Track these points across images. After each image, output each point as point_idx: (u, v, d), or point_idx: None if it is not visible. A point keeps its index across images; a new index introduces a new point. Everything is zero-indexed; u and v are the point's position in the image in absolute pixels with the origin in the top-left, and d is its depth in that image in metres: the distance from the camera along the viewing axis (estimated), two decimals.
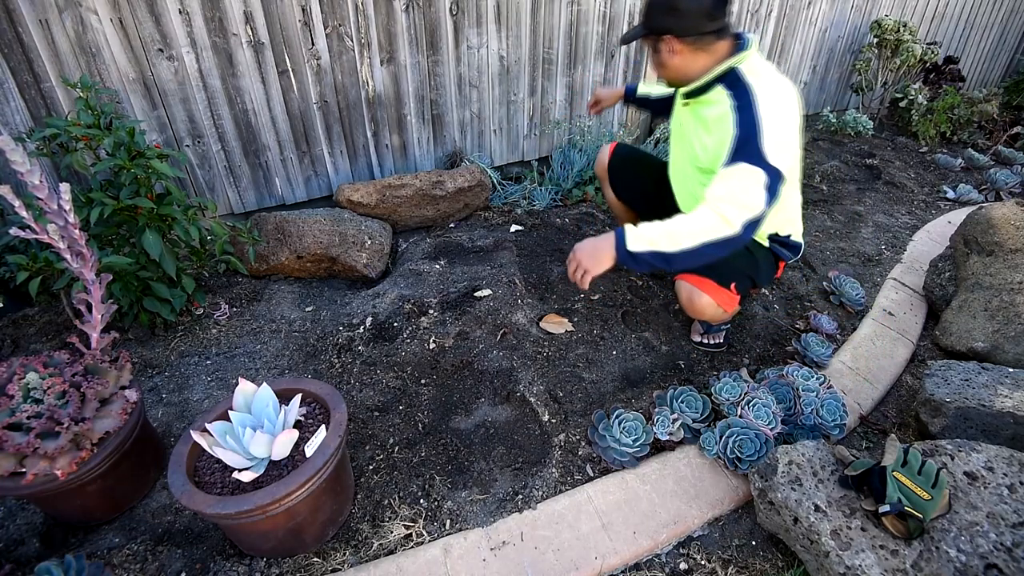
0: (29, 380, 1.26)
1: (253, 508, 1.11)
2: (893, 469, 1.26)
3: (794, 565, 1.35)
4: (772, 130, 1.36)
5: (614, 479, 1.52)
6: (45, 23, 1.86)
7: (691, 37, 1.41)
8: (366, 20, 2.39)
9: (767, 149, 1.34)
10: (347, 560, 1.32)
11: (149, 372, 1.83)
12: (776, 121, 1.37)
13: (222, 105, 2.26)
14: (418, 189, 2.63)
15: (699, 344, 2.01)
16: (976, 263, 2.13)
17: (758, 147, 1.34)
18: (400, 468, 1.54)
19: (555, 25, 2.86)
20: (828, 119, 4.24)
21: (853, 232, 2.87)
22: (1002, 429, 1.52)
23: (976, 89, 4.87)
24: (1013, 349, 1.86)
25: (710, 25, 1.38)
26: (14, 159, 1.21)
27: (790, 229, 1.73)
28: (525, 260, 2.42)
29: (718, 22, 1.39)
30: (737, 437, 1.53)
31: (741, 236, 1.36)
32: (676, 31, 1.41)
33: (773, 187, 1.35)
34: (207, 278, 2.27)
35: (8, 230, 1.43)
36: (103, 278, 1.42)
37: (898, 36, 4.05)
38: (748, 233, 1.36)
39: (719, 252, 1.38)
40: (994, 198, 3.41)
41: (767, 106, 1.38)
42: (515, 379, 1.80)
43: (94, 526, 1.38)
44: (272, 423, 1.24)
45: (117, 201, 1.70)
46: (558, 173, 3.14)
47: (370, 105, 2.58)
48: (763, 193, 1.34)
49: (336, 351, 1.93)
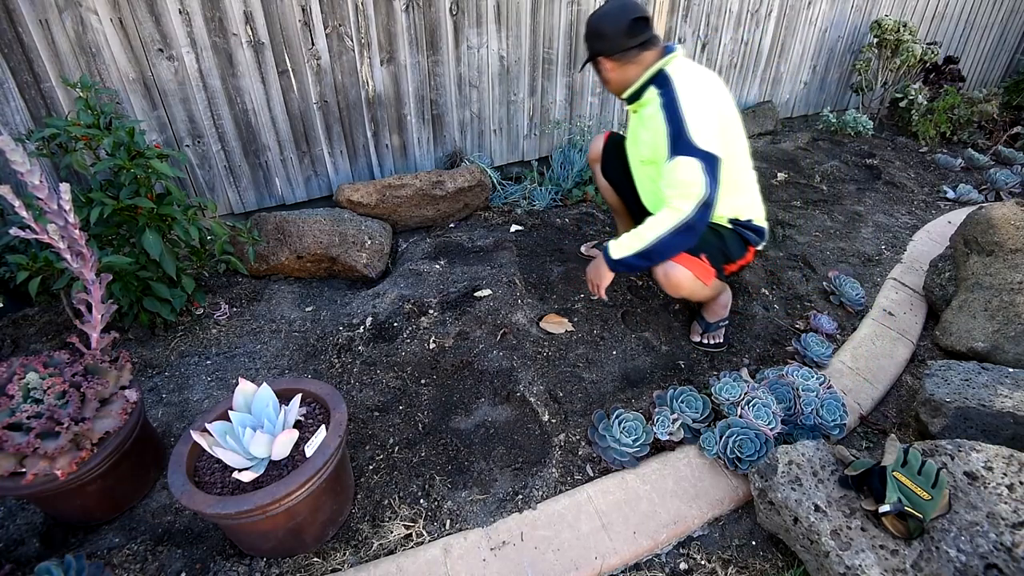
0: (29, 380, 1.26)
1: (253, 508, 1.11)
2: (893, 469, 1.26)
3: (794, 565, 1.35)
4: (696, 120, 1.55)
5: (614, 479, 1.52)
6: (45, 23, 1.86)
7: (618, 54, 1.64)
8: (366, 20, 2.39)
9: (695, 138, 1.53)
10: (347, 560, 1.32)
11: (149, 372, 1.83)
12: (698, 111, 1.56)
13: (222, 105, 2.26)
14: (418, 189, 2.63)
15: (699, 344, 2.01)
16: (976, 263, 2.13)
17: (688, 139, 1.53)
18: (400, 468, 1.54)
19: (555, 25, 2.86)
20: (828, 119, 4.24)
21: (853, 232, 2.87)
22: (1002, 429, 1.52)
23: (976, 89, 4.87)
24: (1013, 349, 1.86)
25: (632, 41, 1.61)
26: (14, 159, 1.21)
27: (750, 214, 1.82)
28: (525, 260, 2.42)
29: (639, 37, 1.62)
30: (737, 437, 1.53)
31: (696, 218, 1.55)
32: (605, 52, 1.66)
33: (710, 169, 1.53)
34: (207, 278, 2.28)
35: (8, 230, 1.43)
36: (103, 278, 1.42)
37: (898, 36, 4.05)
38: (702, 214, 1.55)
39: (684, 238, 1.59)
40: (994, 198, 3.41)
41: (688, 99, 1.57)
42: (515, 379, 1.80)
43: (94, 526, 1.38)
44: (272, 423, 1.24)
45: (117, 201, 1.70)
46: (558, 173, 3.14)
47: (370, 105, 2.58)
48: (702, 176, 1.52)
49: (336, 351, 1.93)
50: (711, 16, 3.49)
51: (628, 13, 1.59)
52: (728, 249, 1.80)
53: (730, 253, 1.81)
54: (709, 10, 3.46)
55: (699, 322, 2.04)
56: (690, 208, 1.54)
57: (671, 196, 1.58)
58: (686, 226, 1.56)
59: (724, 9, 3.52)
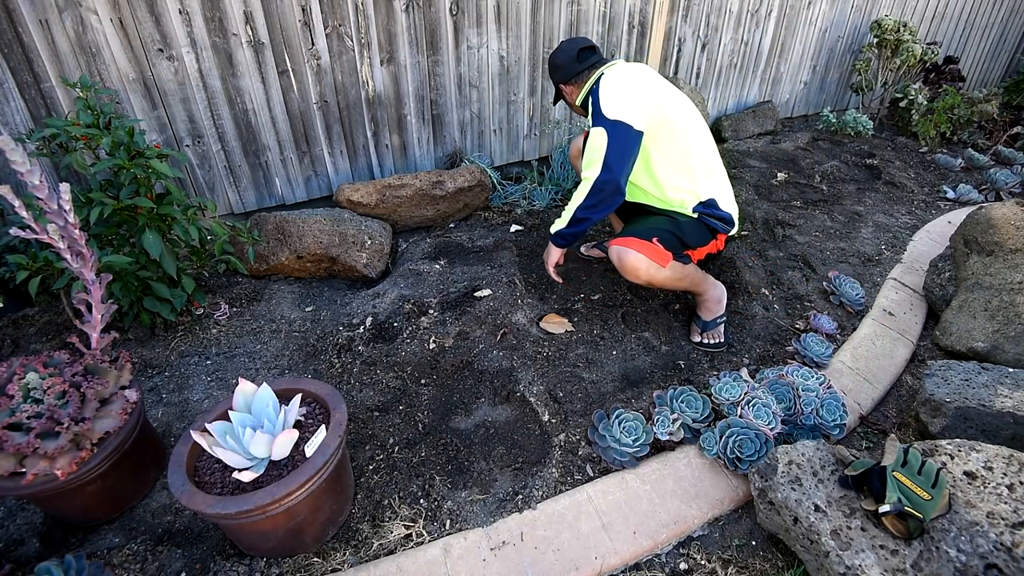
0: (29, 380, 1.26)
1: (253, 508, 1.11)
2: (893, 469, 1.26)
3: (794, 565, 1.35)
4: (607, 97, 1.72)
5: (614, 479, 1.52)
6: (45, 23, 1.86)
7: (572, 79, 1.92)
8: (366, 20, 2.39)
9: (604, 110, 1.71)
10: (347, 560, 1.32)
11: (149, 372, 1.83)
12: (612, 91, 1.73)
13: (222, 105, 2.26)
14: (418, 189, 2.63)
15: (699, 344, 2.02)
16: (976, 263, 2.13)
17: (599, 113, 1.72)
18: (400, 468, 1.54)
19: (555, 25, 2.86)
20: (828, 119, 4.24)
21: (853, 232, 2.87)
22: (1002, 429, 1.52)
23: (976, 89, 4.87)
24: (1013, 349, 1.86)
25: (580, 66, 1.90)
26: (14, 159, 1.21)
27: (709, 195, 1.84)
28: (525, 260, 2.42)
29: (586, 62, 1.90)
30: (737, 437, 1.53)
31: (601, 179, 1.70)
32: (563, 79, 1.94)
33: (615, 133, 1.68)
34: (207, 278, 2.28)
35: (8, 230, 1.43)
36: (103, 278, 1.42)
37: (898, 36, 4.05)
38: (605, 176, 1.70)
39: (601, 199, 1.73)
40: (994, 198, 3.42)
41: (606, 85, 1.76)
42: (515, 379, 1.80)
43: (94, 526, 1.38)
44: (272, 423, 1.24)
45: (117, 201, 1.70)
46: (558, 173, 3.14)
47: (370, 105, 2.58)
48: (605, 139, 1.69)
49: (336, 351, 1.93)
50: (711, 16, 3.50)
51: (575, 44, 1.91)
52: (684, 234, 1.84)
53: (687, 239, 1.85)
54: (709, 10, 3.46)
55: (696, 321, 2.05)
56: (595, 173, 1.71)
57: (585, 167, 1.75)
58: (595, 189, 1.72)
59: (724, 9, 3.53)
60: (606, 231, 2.71)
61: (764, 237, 2.74)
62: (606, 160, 1.68)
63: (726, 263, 2.46)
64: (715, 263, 2.43)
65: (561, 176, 3.12)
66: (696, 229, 1.86)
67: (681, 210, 1.85)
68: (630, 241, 1.78)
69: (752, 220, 2.84)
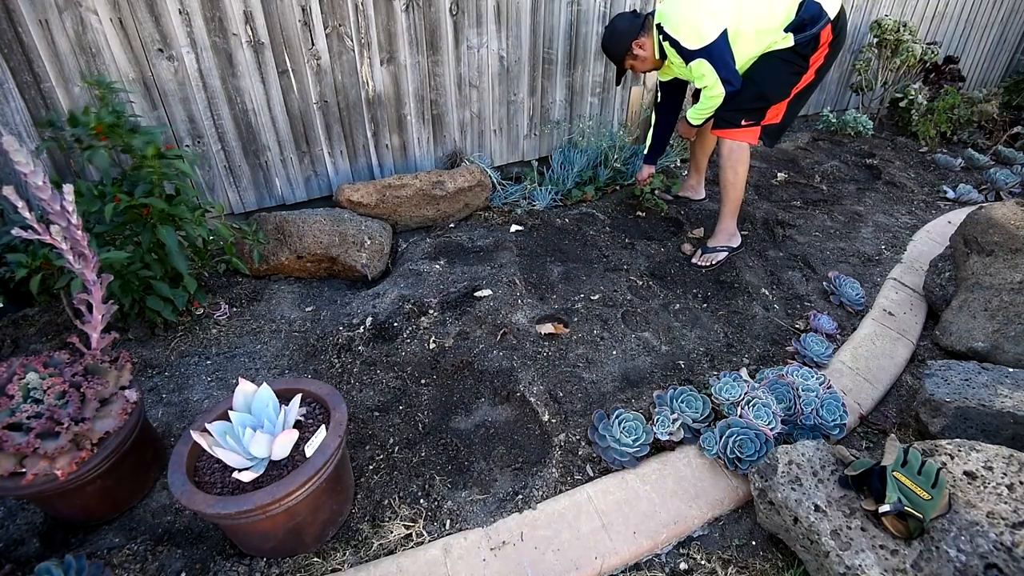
0: (29, 380, 1.26)
1: (253, 508, 1.11)
2: (893, 469, 1.26)
3: (794, 565, 1.35)
4: (682, 31, 2.07)
5: (614, 479, 1.52)
6: (45, 23, 1.86)
7: (639, 33, 2.26)
8: (366, 20, 2.39)
9: (688, 44, 2.07)
10: (347, 560, 1.32)
11: (149, 372, 1.83)
12: (680, 22, 2.07)
13: (222, 105, 2.26)
14: (418, 189, 2.63)
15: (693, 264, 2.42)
16: (976, 263, 2.13)
17: (684, 49, 2.10)
18: (400, 468, 1.54)
19: (555, 25, 2.86)
20: (828, 119, 4.24)
21: (853, 232, 2.87)
22: (1002, 429, 1.52)
23: (976, 89, 4.87)
24: (1013, 349, 1.86)
25: (638, 20, 2.26)
26: (18, 160, 1.21)
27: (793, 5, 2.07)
28: (525, 260, 2.42)
29: (639, 18, 2.27)
30: (737, 437, 1.53)
31: (729, 92, 2.14)
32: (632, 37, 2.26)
33: (714, 53, 2.05)
34: (207, 278, 2.27)
35: (10, 230, 1.43)
36: (104, 278, 1.42)
37: (898, 36, 4.05)
38: (731, 85, 2.13)
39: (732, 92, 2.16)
40: (994, 198, 3.41)
41: (670, 19, 2.10)
42: (515, 379, 1.80)
43: (94, 526, 1.38)
44: (272, 423, 1.24)
45: (131, 198, 1.69)
46: (558, 173, 3.14)
47: (370, 105, 2.58)
48: (708, 66, 2.08)
49: (336, 351, 1.93)
50: None
51: (624, 13, 2.28)
52: (768, 88, 2.16)
53: (771, 95, 2.18)
54: None
55: (702, 248, 2.47)
56: (720, 91, 2.13)
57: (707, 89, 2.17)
58: (728, 97, 2.15)
59: None
60: (607, 230, 2.71)
61: (764, 237, 2.74)
62: (721, 79, 2.08)
63: (726, 263, 2.46)
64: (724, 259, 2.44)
65: (561, 176, 3.11)
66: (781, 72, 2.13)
67: (779, 46, 2.10)
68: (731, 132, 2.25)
69: (752, 220, 2.84)
